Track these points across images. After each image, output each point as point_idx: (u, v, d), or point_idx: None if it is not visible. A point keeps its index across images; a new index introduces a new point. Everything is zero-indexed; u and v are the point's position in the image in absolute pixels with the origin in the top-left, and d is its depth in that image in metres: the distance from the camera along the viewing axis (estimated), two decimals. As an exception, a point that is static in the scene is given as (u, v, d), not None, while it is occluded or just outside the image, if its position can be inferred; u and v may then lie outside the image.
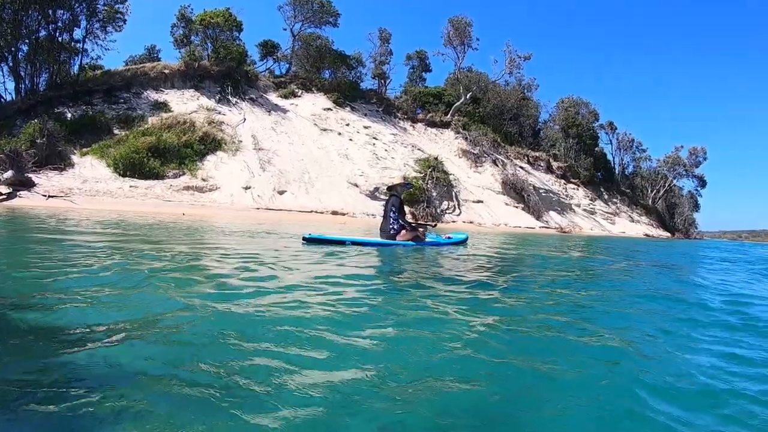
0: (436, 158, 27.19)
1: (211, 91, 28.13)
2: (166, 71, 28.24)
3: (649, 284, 5.65)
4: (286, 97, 31.28)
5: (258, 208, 19.39)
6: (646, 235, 43.16)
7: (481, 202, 27.61)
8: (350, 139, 27.38)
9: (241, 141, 24.10)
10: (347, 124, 29.20)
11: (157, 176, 20.75)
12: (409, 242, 7.79)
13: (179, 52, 33.90)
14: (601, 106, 60.83)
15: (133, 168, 20.34)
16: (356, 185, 22.98)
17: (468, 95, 37.40)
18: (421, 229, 8.28)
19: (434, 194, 24.82)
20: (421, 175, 25.11)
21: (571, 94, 47.89)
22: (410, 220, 8.47)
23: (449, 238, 8.83)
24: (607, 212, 42.61)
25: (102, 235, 7.28)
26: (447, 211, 24.74)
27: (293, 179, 22.10)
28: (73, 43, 26.92)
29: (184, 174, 21.40)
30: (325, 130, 27.66)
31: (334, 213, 20.33)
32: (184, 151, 22.06)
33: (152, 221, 11.11)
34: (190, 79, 28.25)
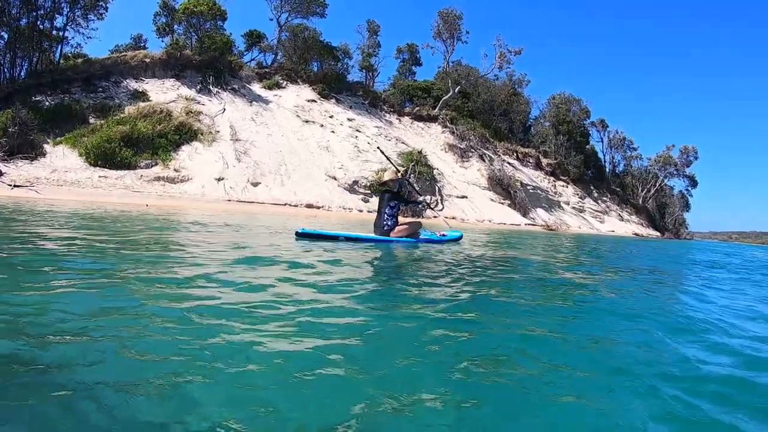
0: (419, 152, 26.56)
1: (192, 81, 27.42)
2: (147, 60, 27.58)
3: (622, 331, 3.58)
4: (270, 88, 30.59)
5: (229, 200, 18.74)
6: (636, 234, 42.74)
7: (465, 197, 27.02)
8: (332, 131, 26.72)
9: (218, 131, 23.42)
10: (331, 116, 28.54)
11: (129, 166, 20.16)
12: (403, 239, 7.63)
13: (162, 41, 33.33)
14: (592, 104, 60.42)
15: (104, 157, 19.74)
16: (335, 178, 22.36)
17: (456, 89, 36.78)
18: (415, 221, 8.18)
19: (417, 188, 24.18)
20: (404, 168, 24.47)
21: (563, 91, 47.38)
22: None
23: (443, 235, 8.69)
24: (596, 210, 42.14)
25: (30, 225, 6.65)
26: (429, 205, 24.09)
27: (269, 171, 21.44)
28: (55, 32, 26.42)
29: (156, 164, 20.78)
30: (307, 121, 26.99)
31: (309, 206, 19.71)
32: (158, 141, 21.42)
33: (106, 213, 10.42)
34: (171, 68, 27.59)
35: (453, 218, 23.91)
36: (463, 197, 26.84)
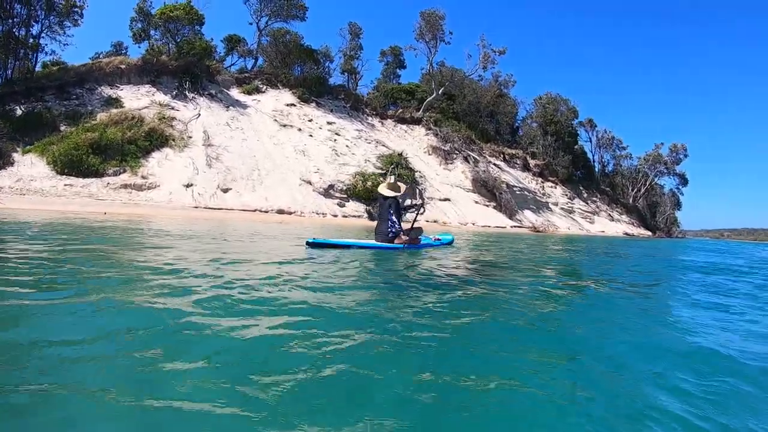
0: (400, 154, 25.93)
1: (169, 87, 26.83)
2: (123, 66, 26.97)
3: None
4: (249, 92, 30.01)
5: (196, 207, 18.05)
6: (626, 234, 42.25)
7: (448, 200, 26.36)
8: (310, 135, 26.06)
9: (191, 137, 22.77)
10: (310, 120, 27.90)
11: (96, 174, 19.52)
12: (405, 245, 7.70)
13: (138, 47, 32.73)
14: (580, 104, 60.03)
15: (71, 165, 19.13)
16: (309, 183, 21.66)
17: (440, 91, 36.24)
18: (416, 227, 8.22)
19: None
20: (383, 171, 23.83)
21: (549, 91, 46.92)
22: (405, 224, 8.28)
23: (438, 240, 9.24)
24: (586, 211, 41.61)
25: None
26: (410, 210, 23.43)
27: (240, 176, 20.75)
28: (32, 40, 25.97)
29: (124, 171, 20.10)
30: (284, 126, 26.34)
31: (280, 212, 19.01)
32: (127, 148, 20.79)
33: (54, 223, 9.75)
34: (147, 74, 27.01)
35: (435, 221, 23.29)
36: (445, 200, 26.19)
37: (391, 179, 8.54)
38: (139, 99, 25.08)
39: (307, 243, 7.01)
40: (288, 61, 33.23)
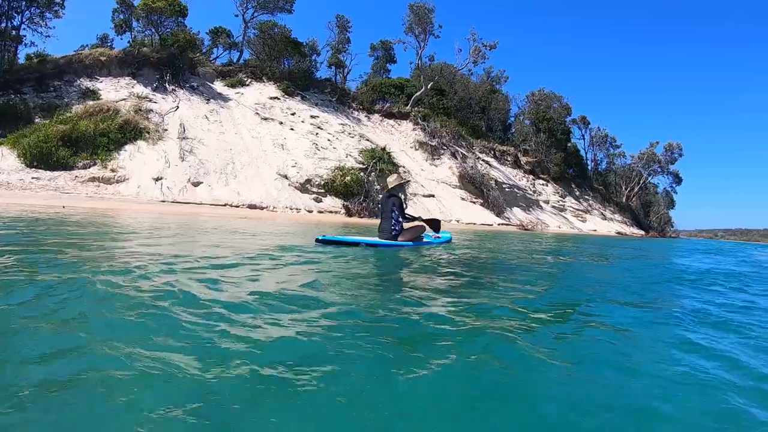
0: (383, 149, 25.25)
1: (149, 79, 26.28)
2: (103, 59, 26.45)
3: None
4: (233, 86, 29.37)
5: (163, 201, 17.41)
6: (619, 233, 41.69)
7: (433, 196, 25.70)
8: (291, 129, 25.39)
9: (166, 129, 22.16)
10: (293, 114, 27.23)
11: (66, 167, 19.02)
12: (409, 242, 7.79)
13: (120, 39, 32.13)
14: (574, 101, 59.37)
15: (41, 158, 18.72)
16: (286, 177, 21.00)
17: (429, 85, 35.56)
18: (419, 224, 8.28)
19: (377, 187, 22.88)
20: (364, 166, 23.19)
21: (542, 87, 46.27)
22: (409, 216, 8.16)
23: (438, 237, 9.28)
24: (578, 209, 41.02)
25: None
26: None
27: (214, 170, 20.09)
28: (14, 32, 26.01)
29: (94, 164, 19.54)
30: (265, 119, 25.67)
31: (252, 207, 18.37)
32: (99, 140, 20.20)
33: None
34: (128, 66, 26.51)
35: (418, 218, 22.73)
36: (430, 196, 25.53)
37: (395, 174, 8.67)
38: (117, 91, 24.60)
39: (317, 240, 7.11)
40: (274, 54, 32.55)
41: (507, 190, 32.46)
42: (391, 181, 8.30)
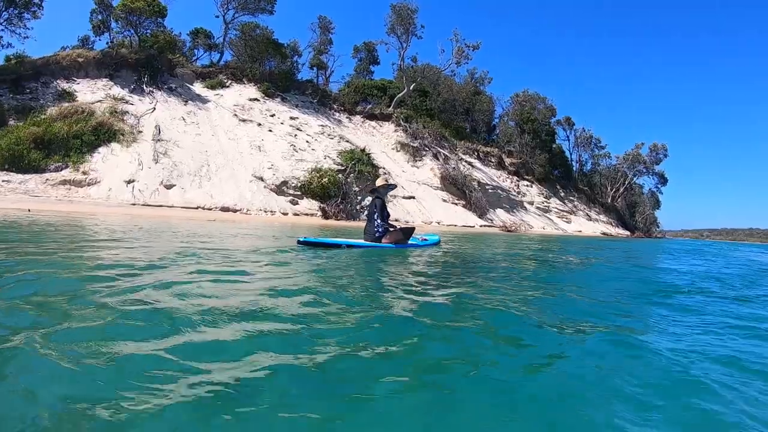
0: (362, 150, 24.87)
1: (127, 81, 25.86)
2: (80, 60, 25.97)
3: None
4: (213, 87, 28.92)
5: (134, 204, 16.95)
6: (604, 234, 41.64)
7: (413, 198, 25.36)
8: (270, 130, 24.98)
9: (141, 131, 21.68)
10: (272, 115, 26.83)
11: (37, 169, 18.60)
12: (392, 245, 7.75)
13: (98, 39, 31.60)
14: (558, 103, 59.39)
15: (13, 161, 18.33)
16: (261, 179, 20.57)
17: (412, 86, 35.29)
18: (399, 228, 8.19)
19: (356, 189, 22.52)
20: (343, 168, 22.81)
21: (527, 88, 46.20)
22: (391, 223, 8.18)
23: (425, 240, 9.15)
24: (562, 210, 40.90)
25: None
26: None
27: (188, 172, 19.63)
28: None
29: (66, 167, 19.02)
30: (244, 120, 25.24)
31: (225, 209, 17.93)
32: (72, 142, 19.72)
33: None
34: (105, 67, 25.98)
35: (396, 220, 22.38)
36: (410, 198, 25.19)
37: (381, 177, 9.06)
38: (94, 93, 24.20)
39: (298, 242, 7.05)
40: (255, 56, 32.09)
41: (490, 191, 32.23)
42: (378, 182, 8.46)
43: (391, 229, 7.90)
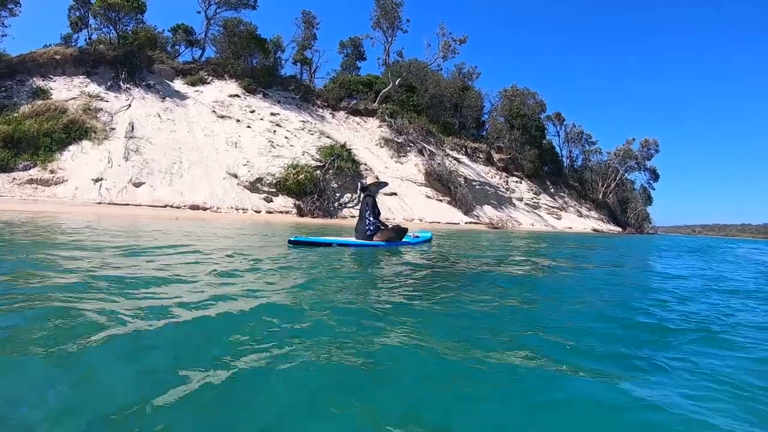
0: (343, 146, 24.27)
1: (104, 78, 25.29)
2: (57, 57, 25.41)
3: None
4: (193, 84, 28.32)
5: (100, 203, 16.37)
6: (595, 230, 41.19)
7: (395, 194, 24.79)
8: (248, 126, 24.39)
9: (114, 129, 21.10)
10: (252, 111, 26.24)
11: (5, 168, 18.10)
12: (383, 243, 7.66)
13: (80, 36, 30.93)
14: (548, 98, 58.79)
15: None
16: (236, 176, 19.98)
17: (397, 81, 34.72)
18: (391, 227, 8.13)
19: (335, 185, 21.96)
20: (321, 164, 22.23)
21: (515, 83, 45.68)
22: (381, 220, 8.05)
23: (417, 237, 9.11)
24: (552, 207, 40.41)
25: None
26: (347, 205, 21.83)
27: (159, 169, 19.04)
28: None
29: (35, 166, 18.45)
30: (222, 117, 24.65)
31: (194, 207, 17.36)
32: (42, 141, 19.20)
33: None
34: (83, 64, 25.41)
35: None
36: (392, 194, 24.61)
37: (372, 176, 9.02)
38: (69, 90, 23.64)
39: (289, 241, 6.97)
40: (238, 51, 31.41)
41: (477, 187, 31.70)
42: (368, 180, 8.42)
43: (382, 227, 7.80)
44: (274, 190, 20.14)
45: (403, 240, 8.39)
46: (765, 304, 4.28)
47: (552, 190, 43.77)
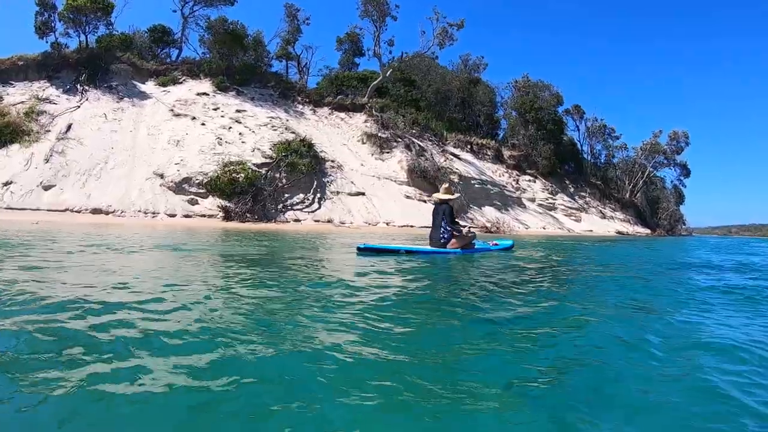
0: (302, 140, 21.70)
1: (65, 81, 24.33)
2: (20, 63, 24.60)
3: None
4: (164, 84, 26.60)
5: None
6: (619, 232, 37.29)
7: (363, 194, 21.97)
8: (203, 124, 22.33)
9: (49, 131, 19.52)
10: (215, 109, 24.20)
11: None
12: (458, 250, 7.62)
13: (44, 41, 29.74)
14: (565, 92, 54.27)
15: None
16: (161, 176, 17.74)
17: (388, 72, 32.02)
18: (470, 234, 8.04)
19: (283, 183, 19.44)
20: (271, 161, 19.74)
21: (526, 73, 42.18)
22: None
23: (496, 245, 9.04)
24: (571, 208, 36.72)
25: None
26: (296, 207, 19.23)
27: (77, 171, 17.12)
28: None
29: (-51, 171, 16.82)
30: (178, 115, 22.71)
31: (96, 211, 15.17)
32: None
33: None
34: (45, 69, 24.57)
35: (328, 221, 19.15)
36: (359, 194, 21.80)
37: (445, 185, 8.52)
38: (23, 95, 22.52)
39: (358, 249, 6.86)
40: (225, 52, 29.30)
41: (477, 186, 28.57)
42: (441, 191, 8.29)
43: (456, 234, 7.72)
44: (203, 190, 17.76)
45: (479, 246, 8.27)
46: None
47: (571, 190, 39.99)
